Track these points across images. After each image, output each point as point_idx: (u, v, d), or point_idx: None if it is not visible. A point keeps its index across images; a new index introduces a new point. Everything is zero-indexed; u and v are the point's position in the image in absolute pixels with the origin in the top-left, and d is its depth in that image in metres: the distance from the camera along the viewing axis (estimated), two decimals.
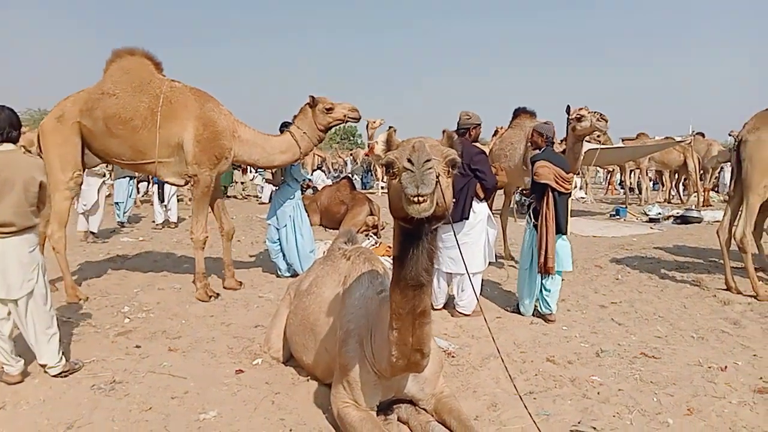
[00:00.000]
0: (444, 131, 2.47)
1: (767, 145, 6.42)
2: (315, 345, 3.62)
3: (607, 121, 5.79)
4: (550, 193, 5.30)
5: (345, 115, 6.38)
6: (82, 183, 5.99)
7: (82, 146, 5.83)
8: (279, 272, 7.23)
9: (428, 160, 2.11)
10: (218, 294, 6.14)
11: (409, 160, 2.12)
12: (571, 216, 6.01)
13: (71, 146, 5.72)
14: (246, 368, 4.17)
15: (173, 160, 5.89)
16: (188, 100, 5.91)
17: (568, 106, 5.73)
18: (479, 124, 5.43)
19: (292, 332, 3.95)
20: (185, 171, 5.92)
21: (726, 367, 4.34)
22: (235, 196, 19.51)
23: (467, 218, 5.34)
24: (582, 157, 6.19)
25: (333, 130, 6.59)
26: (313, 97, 6.42)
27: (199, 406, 3.56)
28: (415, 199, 2.13)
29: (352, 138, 58.77)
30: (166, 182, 6.47)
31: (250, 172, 20.92)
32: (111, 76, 5.85)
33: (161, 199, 11.76)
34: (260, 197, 20.14)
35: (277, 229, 7.09)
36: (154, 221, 11.86)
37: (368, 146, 16.52)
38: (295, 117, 6.55)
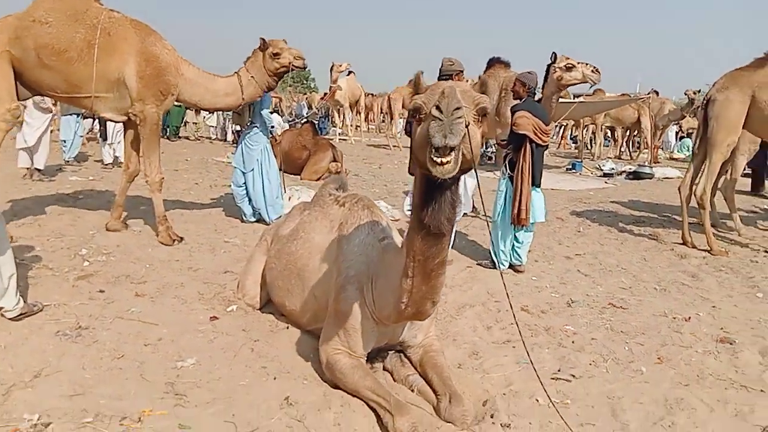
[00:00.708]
0: (479, 77, 2.33)
1: (734, 105, 6.57)
2: (302, 291, 3.52)
3: (599, 74, 5.70)
4: (528, 145, 5.26)
5: (290, 62, 6.03)
6: (20, 116, 5.53)
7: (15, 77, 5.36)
8: (244, 217, 7.01)
9: (458, 108, 1.97)
10: (182, 238, 5.91)
11: (438, 107, 1.98)
12: None
13: (2, 77, 5.24)
14: (220, 315, 4.04)
15: (111, 95, 5.57)
16: (128, 32, 5.55)
17: (554, 53, 5.61)
18: (462, 71, 5.28)
19: (273, 278, 3.82)
20: (125, 107, 5.64)
21: (689, 318, 4.52)
22: (187, 137, 18.78)
23: None
24: (554, 110, 6.12)
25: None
26: (263, 39, 6.07)
27: (175, 353, 3.42)
28: (438, 159, 2.01)
29: (305, 82, 57.28)
30: (102, 118, 6.07)
31: (202, 112, 20.12)
32: (43, 1, 5.36)
33: (104, 137, 11.13)
34: (213, 138, 19.51)
35: (243, 173, 6.83)
36: (102, 161, 11.26)
37: (330, 90, 16.09)
38: (246, 60, 6.21)
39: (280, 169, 7.31)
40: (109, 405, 2.80)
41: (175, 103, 6.36)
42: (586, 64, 5.60)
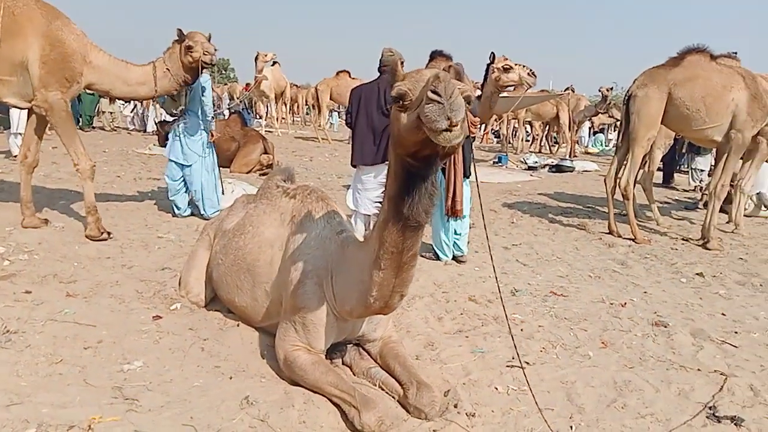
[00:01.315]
0: (450, 66, 2.30)
1: (653, 101, 6.97)
2: (253, 287, 3.38)
3: (536, 77, 5.83)
4: None
5: (200, 58, 5.74)
6: None
7: None
8: (176, 212, 6.69)
9: (455, 91, 1.94)
10: (110, 233, 5.56)
11: (434, 92, 1.93)
12: None
13: None
14: (164, 314, 3.82)
15: (15, 79, 5.17)
16: (34, 13, 5.17)
17: (492, 54, 5.69)
18: (403, 62, 5.27)
19: (221, 274, 3.66)
20: (29, 94, 5.25)
21: (625, 303, 4.75)
22: (102, 128, 17.72)
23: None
24: (494, 108, 6.21)
25: None
26: (180, 30, 5.79)
27: (119, 356, 3.21)
28: (446, 128, 1.95)
29: (224, 71, 55.64)
30: (5, 104, 5.62)
31: (117, 101, 19.03)
32: None
33: (5, 126, 10.29)
34: (131, 129, 18.56)
35: (182, 167, 6.51)
36: (9, 152, 10.42)
37: (255, 80, 15.69)
38: (166, 50, 5.92)
39: None
40: (52, 414, 2.57)
41: (88, 91, 5.96)
42: (523, 66, 5.71)
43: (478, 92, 6.06)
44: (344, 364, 3.30)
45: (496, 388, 3.19)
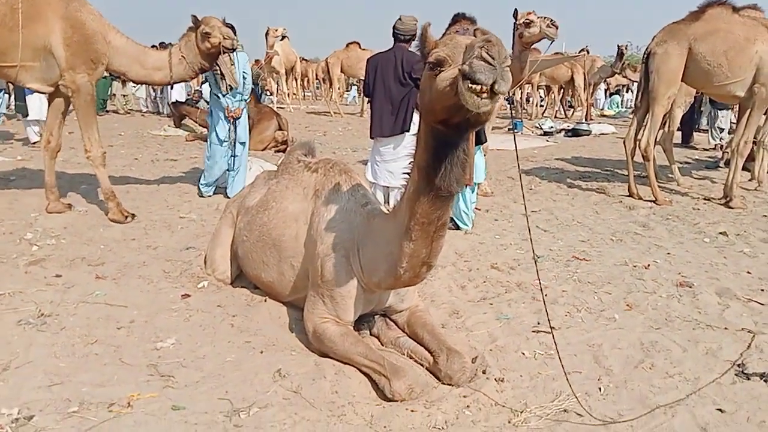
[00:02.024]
0: (477, 29, 2.26)
1: (673, 58, 6.81)
2: (279, 262, 3.42)
3: (557, 28, 5.66)
4: None
5: (220, 43, 5.66)
6: None
7: None
8: (203, 192, 6.74)
9: (507, 57, 1.90)
10: (134, 215, 5.63)
11: (489, 54, 1.86)
12: None
13: None
14: (192, 292, 3.89)
15: (38, 65, 5.19)
16: None
17: (516, 10, 5.55)
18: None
19: (246, 250, 3.70)
20: (53, 78, 5.27)
21: (648, 265, 4.73)
22: (116, 111, 17.78)
23: (408, 130, 5.18)
24: (528, 67, 6.08)
25: None
26: (194, 17, 5.72)
27: (152, 334, 3.28)
28: (478, 87, 1.88)
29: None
30: (29, 89, 5.63)
31: (129, 84, 19.04)
32: None
33: (24, 114, 10.35)
34: (144, 111, 18.61)
35: (232, 148, 6.62)
36: (28, 139, 10.52)
37: (266, 56, 15.58)
38: (181, 37, 5.86)
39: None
40: (92, 392, 2.66)
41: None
42: (544, 18, 5.54)
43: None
44: (372, 335, 3.34)
45: (523, 353, 3.22)
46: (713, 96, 8.04)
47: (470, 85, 1.90)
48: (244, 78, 6.59)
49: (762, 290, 4.20)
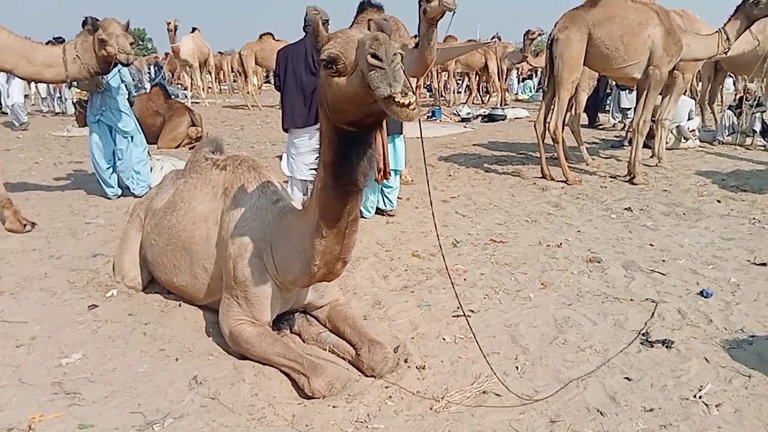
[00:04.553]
0: (371, 20, 2.23)
1: (575, 43, 7.09)
2: (191, 265, 3.29)
3: None
4: None
5: (114, 55, 5.40)
6: None
7: None
8: (108, 194, 6.39)
9: (396, 54, 1.88)
10: (34, 223, 5.26)
11: (374, 56, 1.85)
12: None
13: None
14: (100, 302, 3.67)
15: None
16: None
17: None
18: (327, 21, 5.12)
19: (156, 254, 3.53)
20: None
21: (561, 244, 4.93)
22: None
23: None
24: (437, 49, 6.05)
25: None
26: (91, 19, 5.40)
27: (56, 350, 3.08)
28: (404, 100, 1.87)
29: (141, 42, 52.82)
30: None
31: (32, 84, 17.73)
32: None
33: None
34: (45, 111, 17.42)
35: (114, 145, 6.30)
36: None
37: (172, 50, 14.95)
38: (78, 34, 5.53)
39: None
40: None
41: None
42: None
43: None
44: (293, 332, 3.29)
45: (444, 339, 3.27)
46: (613, 78, 8.46)
47: (395, 99, 1.89)
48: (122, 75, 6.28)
49: (663, 261, 4.47)
